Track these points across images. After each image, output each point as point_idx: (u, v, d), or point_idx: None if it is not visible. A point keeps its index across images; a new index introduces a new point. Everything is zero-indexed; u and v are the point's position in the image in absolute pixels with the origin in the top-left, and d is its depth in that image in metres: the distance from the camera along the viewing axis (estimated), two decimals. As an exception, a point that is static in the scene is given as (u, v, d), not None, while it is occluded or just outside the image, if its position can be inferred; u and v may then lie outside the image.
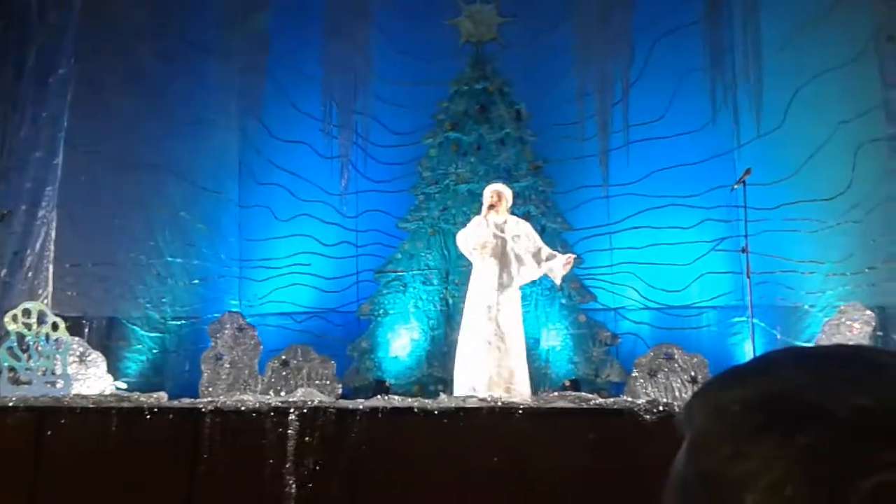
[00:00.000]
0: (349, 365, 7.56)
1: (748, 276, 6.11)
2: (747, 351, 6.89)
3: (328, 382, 6.14)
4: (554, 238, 7.55)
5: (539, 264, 5.86)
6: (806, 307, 7.18)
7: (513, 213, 6.91)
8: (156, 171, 7.96)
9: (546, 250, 5.94)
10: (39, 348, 5.86)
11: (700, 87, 7.89)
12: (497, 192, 6.01)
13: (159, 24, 8.17)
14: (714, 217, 7.62)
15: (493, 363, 5.57)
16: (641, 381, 6.05)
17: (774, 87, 7.57)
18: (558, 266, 5.81)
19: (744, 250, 6.22)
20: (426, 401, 4.93)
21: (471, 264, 5.95)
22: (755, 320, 6.61)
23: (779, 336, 7.13)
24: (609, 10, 8.07)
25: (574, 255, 5.98)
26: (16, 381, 5.70)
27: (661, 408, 4.49)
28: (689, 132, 7.79)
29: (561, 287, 7.59)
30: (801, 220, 7.28)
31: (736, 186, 6.44)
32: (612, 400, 5.02)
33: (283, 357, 6.28)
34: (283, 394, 5.69)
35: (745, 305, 6.70)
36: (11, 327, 5.85)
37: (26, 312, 5.97)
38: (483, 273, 5.81)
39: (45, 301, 7.12)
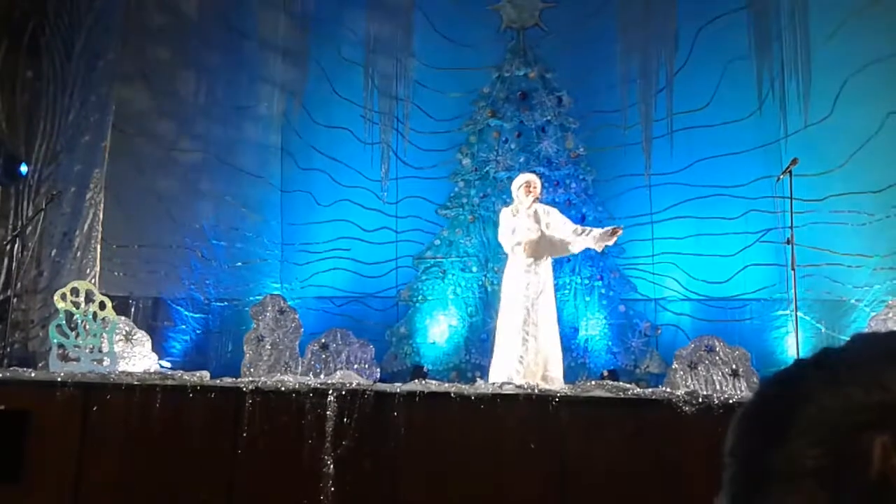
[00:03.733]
0: (387, 350, 7.60)
1: (793, 269, 6.01)
2: (790, 345, 6.78)
3: (366, 366, 6.21)
4: (595, 227, 7.49)
5: (579, 245, 5.82)
6: (852, 301, 7.03)
7: (553, 201, 6.90)
8: (200, 155, 8.08)
9: (577, 227, 5.91)
10: (87, 326, 6.01)
11: (746, 76, 7.74)
12: (532, 182, 5.97)
13: (203, 10, 8.27)
14: (759, 208, 7.48)
15: (529, 352, 5.58)
16: (682, 372, 6.01)
17: (822, 76, 7.41)
18: (600, 237, 5.73)
19: (789, 242, 6.11)
20: (463, 386, 4.95)
21: (510, 251, 5.95)
22: (799, 314, 6.50)
23: (823, 330, 7.00)
24: (654, -4, 7.95)
25: (620, 227, 5.85)
26: (64, 358, 5.86)
27: (700, 399, 4.45)
28: (734, 121, 7.65)
29: (601, 276, 7.55)
30: (848, 212, 7.12)
31: (782, 177, 6.32)
32: (650, 390, 4.99)
33: (323, 340, 6.37)
34: (322, 376, 5.77)
35: (789, 298, 6.59)
36: (60, 305, 6.01)
37: (75, 291, 6.12)
38: (520, 264, 5.81)
39: (93, 280, 7.30)
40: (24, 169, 7.56)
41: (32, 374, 5.42)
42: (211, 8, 8.30)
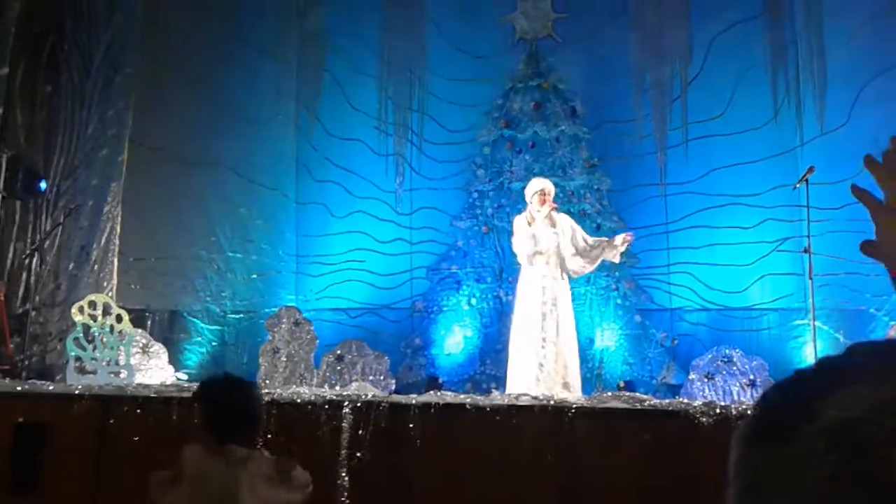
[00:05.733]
0: (402, 361, 7.60)
1: (811, 278, 5.96)
2: (808, 355, 6.71)
3: (382, 378, 6.20)
4: (609, 237, 7.47)
5: (592, 260, 5.84)
6: (871, 311, 6.95)
7: (568, 211, 6.88)
8: (216, 168, 8.13)
9: (590, 238, 5.93)
10: (104, 339, 6.05)
11: (761, 84, 7.71)
12: (546, 190, 5.96)
13: (218, 25, 8.35)
14: (776, 217, 7.43)
15: (549, 360, 5.56)
16: (699, 383, 5.95)
17: (838, 83, 7.36)
18: (614, 249, 5.79)
19: (806, 251, 6.06)
20: (478, 397, 4.93)
21: (525, 261, 5.94)
22: (818, 323, 6.44)
23: (842, 340, 6.93)
24: (667, 5, 7.95)
25: (631, 234, 5.90)
26: (82, 371, 5.90)
27: (717, 410, 4.41)
28: (750, 129, 7.61)
29: (617, 286, 7.51)
30: (866, 220, 6.98)
31: (798, 185, 6.28)
32: (667, 401, 4.95)
33: (339, 352, 6.37)
34: (337, 387, 5.76)
35: (807, 308, 6.52)
36: (78, 318, 6.05)
37: (92, 304, 6.16)
38: (537, 272, 5.80)
39: (110, 294, 7.35)
40: (43, 185, 7.64)
41: (50, 387, 5.46)
42: (227, 22, 8.38)
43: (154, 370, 6.30)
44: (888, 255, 0.89)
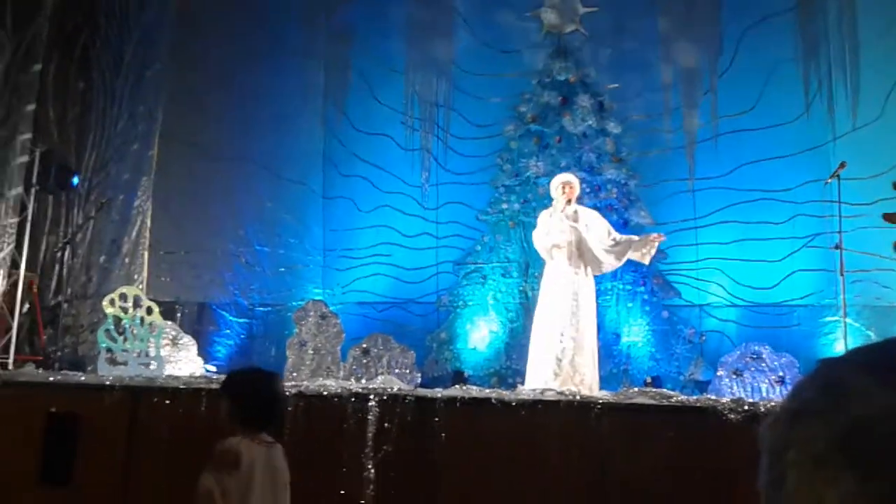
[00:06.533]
0: (428, 355, 7.62)
1: (842, 274, 5.88)
2: (839, 351, 6.62)
3: (407, 371, 6.22)
4: (637, 232, 7.40)
5: (617, 256, 5.79)
6: (903, 307, 6.84)
7: (596, 206, 6.84)
8: (244, 163, 8.20)
9: (616, 235, 5.88)
10: (135, 331, 6.13)
11: (793, 78, 7.60)
12: (568, 183, 5.94)
13: (247, 21, 8.42)
14: (806, 212, 7.33)
15: (567, 354, 5.54)
16: (727, 380, 5.90)
17: (871, 77, 7.24)
18: (644, 246, 5.72)
19: (837, 247, 5.98)
20: (504, 392, 4.93)
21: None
22: (848, 320, 6.35)
23: (873, 337, 6.82)
24: (697, -1, 7.86)
25: (662, 235, 5.85)
26: (112, 362, 5.99)
27: (746, 407, 4.37)
28: (780, 124, 7.51)
29: (644, 282, 7.46)
30: (899, 216, 6.92)
31: (830, 181, 6.20)
32: (694, 398, 4.91)
33: (365, 345, 6.40)
34: (363, 380, 5.80)
35: (837, 304, 6.44)
36: (109, 310, 6.14)
37: (123, 297, 6.25)
38: (559, 267, 5.78)
39: (141, 286, 7.46)
40: (75, 180, 7.76)
41: (82, 378, 5.55)
42: (255, 20, 8.44)
43: (183, 362, 6.38)
44: None
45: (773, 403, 4.47)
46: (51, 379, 5.47)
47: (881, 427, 0.50)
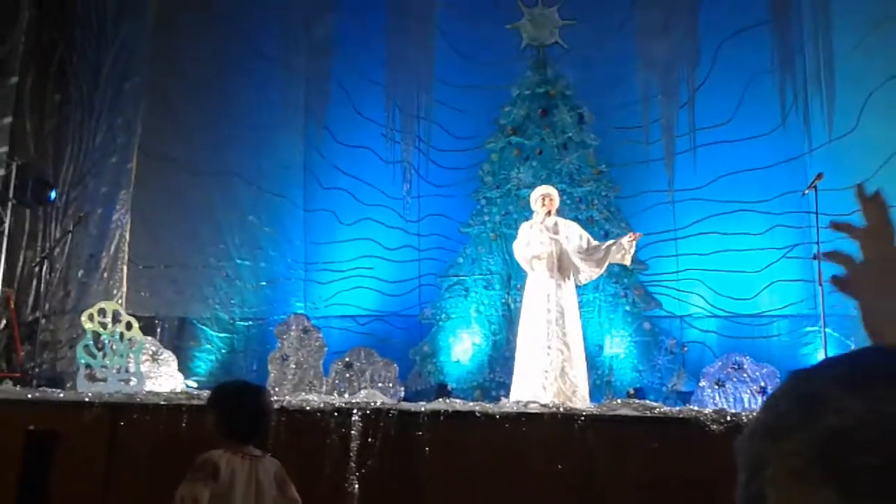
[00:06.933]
0: (411, 368, 7.59)
1: (820, 285, 5.94)
2: (810, 363, 6.68)
3: (391, 385, 6.20)
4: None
5: (597, 263, 5.81)
6: (882, 317, 6.91)
7: (576, 218, 6.88)
8: (224, 176, 8.16)
9: (596, 243, 5.90)
10: (114, 347, 6.06)
11: (769, 90, 7.70)
12: (548, 195, 5.97)
13: (226, 34, 8.39)
14: (785, 223, 7.41)
15: (556, 368, 5.54)
16: (709, 390, 5.93)
17: (846, 89, 7.35)
18: (622, 249, 5.72)
19: (816, 257, 6.04)
20: (487, 405, 4.93)
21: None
22: (828, 330, 6.41)
23: (853, 346, 6.89)
24: (674, 12, 7.95)
25: (638, 234, 5.85)
26: (92, 378, 5.91)
27: (728, 418, 4.39)
28: (758, 136, 7.60)
29: (626, 293, 7.50)
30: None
31: (807, 192, 6.27)
32: (677, 409, 4.93)
33: (347, 359, 6.37)
34: (346, 395, 5.76)
35: (817, 314, 6.50)
36: (88, 326, 6.06)
37: (102, 312, 6.17)
38: (541, 278, 5.79)
39: (120, 301, 7.37)
40: (52, 194, 7.68)
41: (61, 395, 5.47)
42: (235, 32, 8.42)
43: (164, 378, 6.31)
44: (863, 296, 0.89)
45: (754, 414, 4.49)
46: (29, 396, 5.38)
47: (858, 439, 0.50)
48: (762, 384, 5.77)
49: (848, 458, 0.50)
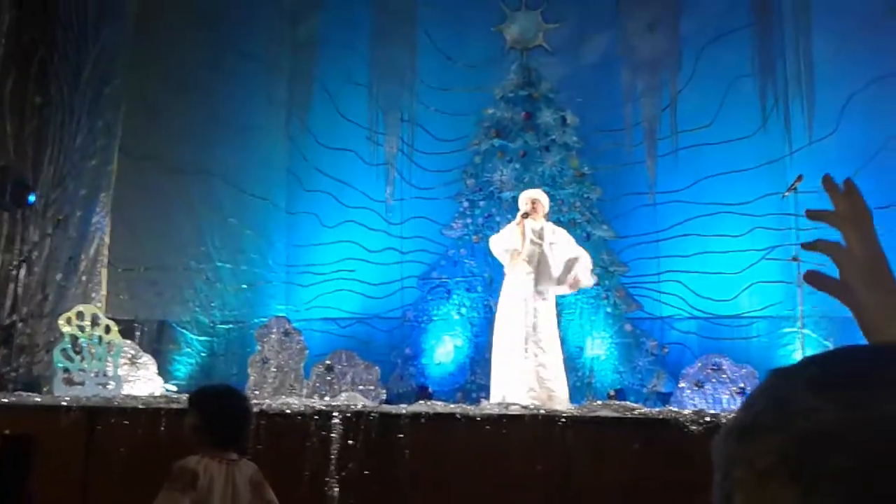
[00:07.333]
0: (393, 371, 7.57)
1: (799, 286, 5.98)
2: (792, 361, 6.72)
3: (372, 387, 6.19)
4: (600, 246, 7.47)
5: (570, 285, 5.83)
6: (860, 318, 6.97)
7: (558, 220, 6.88)
8: (205, 177, 8.11)
9: (581, 255, 5.90)
10: (92, 350, 6.01)
11: (750, 93, 7.75)
12: (533, 198, 5.99)
13: (209, 34, 8.35)
14: (765, 225, 7.45)
15: (531, 371, 5.54)
16: (689, 391, 5.97)
17: (826, 92, 7.41)
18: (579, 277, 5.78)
19: (795, 259, 6.08)
20: (469, 407, 4.93)
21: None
22: (807, 331, 6.46)
23: (831, 347, 6.94)
24: (657, 15, 7.99)
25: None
26: (69, 382, 5.86)
27: (707, 419, 4.42)
28: (738, 138, 7.64)
29: (607, 295, 7.52)
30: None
31: (787, 194, 6.31)
32: (657, 410, 4.95)
33: (328, 362, 6.35)
34: (327, 398, 5.74)
35: (796, 316, 6.55)
36: (66, 329, 6.02)
37: (80, 315, 6.13)
38: (519, 280, 5.79)
39: (99, 304, 7.32)
40: (31, 198, 7.61)
41: (38, 399, 5.43)
42: (217, 32, 8.38)
43: (142, 381, 6.27)
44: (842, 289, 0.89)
45: (733, 414, 4.52)
46: (5, 400, 5.34)
47: (826, 441, 0.50)
48: (741, 385, 5.81)
49: (815, 460, 0.50)
